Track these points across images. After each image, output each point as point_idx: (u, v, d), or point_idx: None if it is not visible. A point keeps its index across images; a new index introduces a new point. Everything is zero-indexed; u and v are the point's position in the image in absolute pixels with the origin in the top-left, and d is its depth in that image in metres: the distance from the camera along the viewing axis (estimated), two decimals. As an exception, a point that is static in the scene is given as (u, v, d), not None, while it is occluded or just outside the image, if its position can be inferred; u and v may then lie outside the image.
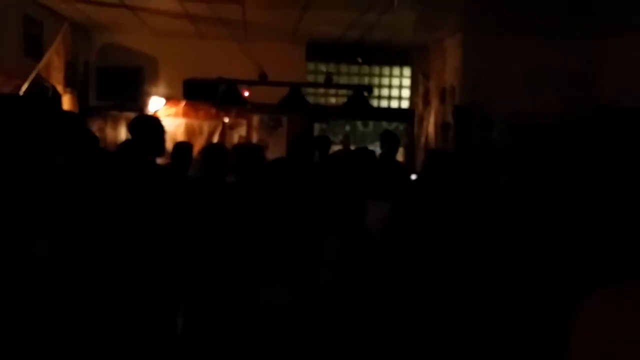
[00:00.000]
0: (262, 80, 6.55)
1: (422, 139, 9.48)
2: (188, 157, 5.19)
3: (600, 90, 8.04)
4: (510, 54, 8.01)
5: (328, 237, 3.08)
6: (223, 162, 4.66)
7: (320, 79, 9.51)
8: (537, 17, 6.94)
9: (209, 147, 5.04)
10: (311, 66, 9.84)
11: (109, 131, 9.25)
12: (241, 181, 4.28)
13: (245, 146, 4.96)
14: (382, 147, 5.40)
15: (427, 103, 9.39)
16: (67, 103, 7.80)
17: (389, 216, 3.05)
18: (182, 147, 5.33)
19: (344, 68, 9.91)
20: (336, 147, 11.97)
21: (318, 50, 9.66)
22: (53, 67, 7.31)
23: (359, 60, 9.66)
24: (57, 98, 7.43)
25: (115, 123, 9.24)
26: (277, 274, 2.97)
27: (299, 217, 3.18)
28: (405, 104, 10.16)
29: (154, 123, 4.24)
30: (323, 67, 9.87)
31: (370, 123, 13.17)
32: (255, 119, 9.66)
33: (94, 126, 9.06)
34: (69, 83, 7.90)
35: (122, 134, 8.96)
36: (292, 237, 3.06)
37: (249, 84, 7.32)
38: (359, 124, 13.61)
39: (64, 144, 3.24)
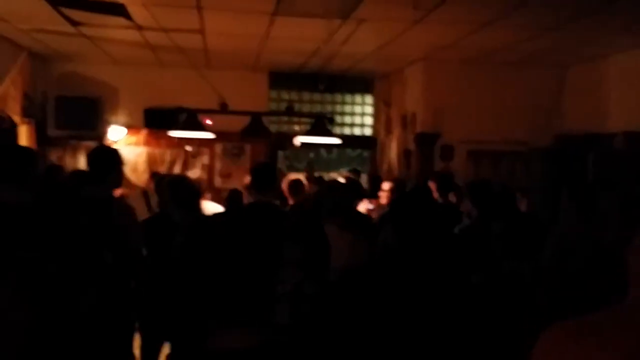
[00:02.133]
0: (223, 109, 6.53)
1: (385, 166, 9.53)
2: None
3: (559, 118, 8.20)
4: (470, 81, 8.14)
5: (284, 268, 3.04)
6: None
7: (283, 106, 9.52)
8: (496, 48, 7.08)
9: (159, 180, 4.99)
10: (273, 94, 9.86)
11: (68, 160, 9.09)
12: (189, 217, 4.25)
13: (178, 178, 4.91)
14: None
15: (389, 130, 9.46)
16: (24, 133, 7.67)
17: (351, 249, 3.05)
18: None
19: (306, 96, 9.95)
20: (300, 175, 12.02)
21: (280, 79, 9.71)
22: (9, 97, 7.19)
23: (321, 87, 9.71)
24: (14, 128, 7.29)
25: (75, 152, 9.10)
26: (230, 315, 2.91)
27: (253, 252, 3.14)
28: (368, 131, 10.22)
29: (112, 153, 4.18)
30: (285, 95, 9.90)
31: (334, 150, 13.23)
32: (218, 147, 9.61)
33: (53, 156, 8.93)
34: (26, 113, 7.77)
35: (82, 163, 8.81)
36: (245, 275, 3.01)
37: (210, 112, 7.28)
38: (322, 151, 13.66)
39: (21, 179, 3.14)
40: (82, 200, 3.72)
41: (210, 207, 5.25)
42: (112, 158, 3.98)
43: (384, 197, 6.02)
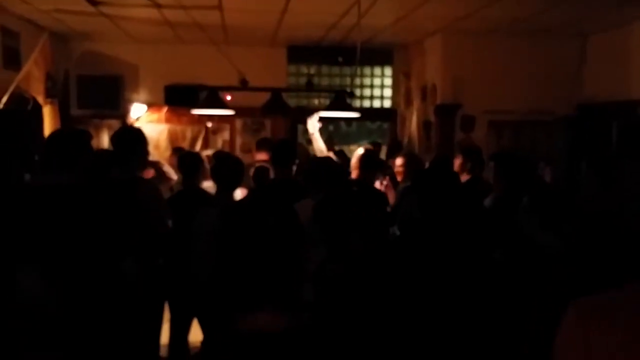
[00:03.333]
0: (243, 86, 6.54)
1: (405, 138, 9.52)
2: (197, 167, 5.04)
3: (580, 87, 8.12)
4: (490, 53, 8.07)
5: (313, 247, 3.09)
6: (198, 170, 4.68)
7: (302, 80, 9.51)
8: (516, 18, 6.99)
9: (182, 156, 5.03)
10: (292, 68, 9.85)
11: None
12: (220, 193, 4.30)
13: (223, 154, 4.94)
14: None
15: (409, 102, 9.43)
16: (48, 114, 7.76)
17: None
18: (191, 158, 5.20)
19: (325, 69, 9.93)
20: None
21: (299, 53, 9.68)
22: (33, 78, 7.27)
23: (340, 60, 9.67)
24: (38, 110, 7.39)
25: (97, 131, 9.18)
26: (260, 297, 2.97)
27: (278, 232, 3.18)
28: (387, 104, 10.19)
29: (137, 134, 4.24)
30: (304, 69, 9.89)
31: (354, 123, 13.20)
32: (239, 123, 9.66)
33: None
34: (49, 93, 7.86)
35: (105, 141, 8.92)
36: (273, 257, 3.06)
37: (230, 89, 7.31)
38: (342, 123, 13.64)
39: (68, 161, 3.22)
40: (111, 182, 3.80)
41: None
42: (136, 139, 4.05)
43: (398, 173, 6.00)
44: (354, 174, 5.38)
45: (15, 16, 7.11)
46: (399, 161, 6.08)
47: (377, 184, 5.91)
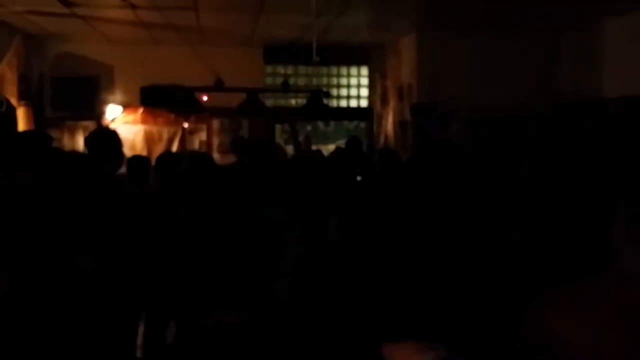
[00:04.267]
0: (218, 86, 6.55)
1: (382, 137, 9.57)
2: (145, 169, 5.14)
3: (555, 84, 8.22)
4: (464, 50, 8.14)
5: (288, 245, 3.11)
6: (173, 171, 4.67)
7: (279, 80, 9.52)
8: (489, 14, 7.07)
9: (159, 157, 5.03)
10: (269, 69, 9.86)
11: (66, 141, 9.12)
12: (192, 192, 4.30)
13: (194, 154, 4.95)
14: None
15: (385, 102, 9.48)
16: (22, 116, 7.69)
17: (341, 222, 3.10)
18: (139, 161, 5.30)
19: (301, 69, 9.95)
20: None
21: (275, 53, 9.68)
22: (6, 80, 7.21)
23: (317, 59, 9.69)
24: (12, 112, 7.32)
25: (73, 133, 9.13)
26: (229, 295, 2.99)
27: (253, 231, 3.20)
28: (364, 103, 10.24)
29: (111, 135, 4.22)
30: (281, 69, 9.90)
31: (332, 122, 13.24)
32: (215, 123, 9.64)
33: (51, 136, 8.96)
34: (23, 96, 7.79)
35: (80, 143, 8.85)
36: (245, 255, 3.08)
37: (206, 90, 7.31)
38: (320, 123, 13.65)
39: (27, 162, 3.20)
40: (84, 182, 3.79)
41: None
42: (111, 140, 4.03)
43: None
44: None
45: None
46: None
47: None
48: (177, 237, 3.81)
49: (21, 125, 7.64)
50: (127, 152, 8.65)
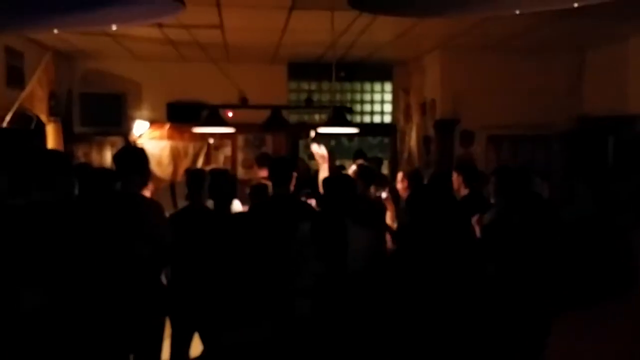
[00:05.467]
0: (243, 104, 6.66)
1: (405, 153, 9.60)
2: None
3: (578, 102, 8.19)
4: (488, 67, 8.16)
5: (307, 262, 3.15)
6: (202, 187, 4.73)
7: (303, 96, 9.62)
8: (513, 35, 7.09)
9: (189, 173, 5.08)
10: (293, 85, 9.95)
11: (94, 156, 9.29)
12: (217, 208, 4.38)
13: (217, 171, 5.02)
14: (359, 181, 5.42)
15: (408, 118, 9.51)
16: (51, 132, 7.85)
17: (372, 243, 3.13)
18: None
19: (325, 85, 10.02)
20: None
21: (299, 69, 9.78)
22: (36, 97, 7.37)
23: (342, 74, 9.75)
24: (41, 128, 7.48)
25: (101, 148, 9.30)
26: (252, 312, 3.02)
27: (276, 252, 3.25)
28: (387, 119, 10.28)
29: (138, 153, 4.32)
30: (305, 85, 9.99)
31: (355, 138, 13.29)
32: (240, 139, 9.74)
33: (80, 152, 9.14)
34: (52, 112, 7.95)
35: (108, 158, 9.01)
36: (263, 270, 3.12)
37: (231, 107, 7.42)
38: (343, 139, 13.72)
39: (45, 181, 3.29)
40: (113, 197, 3.89)
41: (235, 203, 5.37)
42: (138, 157, 4.13)
43: (401, 189, 6.07)
44: None
45: (19, 36, 7.22)
46: (399, 176, 6.17)
47: (383, 195, 5.98)
48: (206, 252, 3.87)
49: (50, 141, 7.80)
50: (154, 167, 8.86)
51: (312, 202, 5.35)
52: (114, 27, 5.17)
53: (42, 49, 7.81)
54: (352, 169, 5.67)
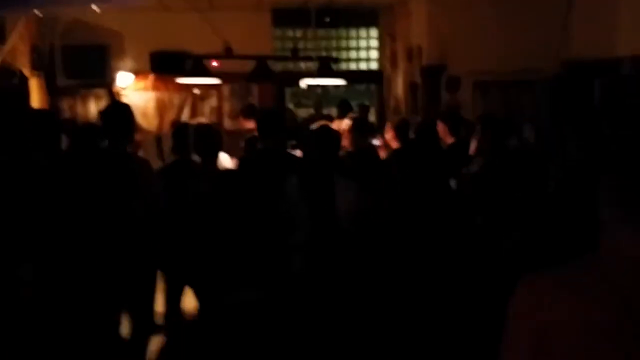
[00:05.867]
0: (227, 54, 6.59)
1: (392, 100, 9.58)
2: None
3: (567, 45, 8.14)
4: (474, 13, 8.06)
5: (297, 218, 3.19)
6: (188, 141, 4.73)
7: (288, 44, 9.54)
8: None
9: (175, 128, 5.06)
10: (278, 32, 9.84)
11: (79, 109, 9.22)
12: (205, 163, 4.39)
13: (201, 126, 4.99)
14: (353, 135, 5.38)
15: (394, 64, 9.46)
16: (35, 86, 7.77)
17: (357, 200, 3.15)
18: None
19: (310, 33, 9.91)
20: (308, 110, 12.05)
21: (284, 16, 9.65)
22: (18, 51, 7.26)
23: (327, 20, 9.63)
24: (25, 82, 7.39)
25: (85, 101, 9.22)
26: (248, 272, 3.08)
27: (267, 209, 3.28)
28: (373, 65, 10.22)
29: (125, 110, 4.29)
30: (290, 32, 9.88)
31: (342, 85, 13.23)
32: (226, 89, 9.68)
33: (65, 105, 9.05)
34: (35, 66, 7.84)
35: (93, 110, 8.94)
36: (263, 230, 3.17)
37: (215, 58, 7.34)
38: (330, 87, 13.64)
39: (42, 142, 3.29)
40: (103, 155, 3.90)
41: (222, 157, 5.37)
42: (126, 114, 4.11)
43: (391, 140, 6.07)
44: (345, 143, 5.38)
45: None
46: (389, 127, 6.15)
47: (376, 142, 5.98)
48: (199, 213, 3.90)
49: (34, 95, 7.72)
50: (140, 119, 8.80)
51: (298, 152, 5.35)
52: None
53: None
54: (345, 122, 5.64)
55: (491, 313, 2.21)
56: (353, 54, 10.18)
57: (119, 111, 4.18)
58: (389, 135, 5.99)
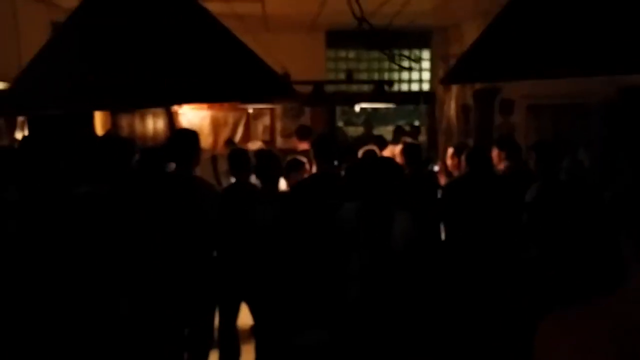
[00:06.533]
0: (286, 79, 6.76)
1: (444, 122, 9.60)
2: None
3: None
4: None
5: (354, 247, 3.25)
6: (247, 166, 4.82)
7: (341, 65, 9.69)
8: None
9: (233, 153, 5.14)
10: (331, 53, 9.96)
11: (137, 126, 9.47)
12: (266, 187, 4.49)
13: (264, 152, 5.12)
14: (406, 162, 5.39)
15: (447, 86, 9.48)
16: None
17: (412, 227, 3.19)
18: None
19: (363, 54, 10.00)
20: (358, 129, 12.14)
21: (337, 38, 9.76)
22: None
23: (378, 42, 9.67)
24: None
25: (143, 118, 9.47)
26: (313, 310, 3.14)
27: (325, 236, 3.35)
28: (425, 86, 10.26)
29: (193, 137, 4.45)
30: (343, 53, 10.00)
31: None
32: (278, 108, 9.84)
33: (123, 122, 9.32)
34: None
35: (150, 127, 9.18)
36: (321, 260, 3.23)
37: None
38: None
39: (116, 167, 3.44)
40: (171, 180, 4.05)
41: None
42: (193, 140, 4.27)
43: (450, 165, 6.05)
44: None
45: (64, 11, 7.34)
46: (449, 152, 6.13)
47: (436, 168, 5.96)
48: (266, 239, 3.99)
49: (97, 115, 7.97)
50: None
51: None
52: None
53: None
54: (398, 148, 5.67)
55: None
56: (405, 75, 10.23)
57: (187, 137, 4.34)
58: (451, 160, 5.96)
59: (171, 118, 9.07)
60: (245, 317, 4.94)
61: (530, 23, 2.36)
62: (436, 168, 5.97)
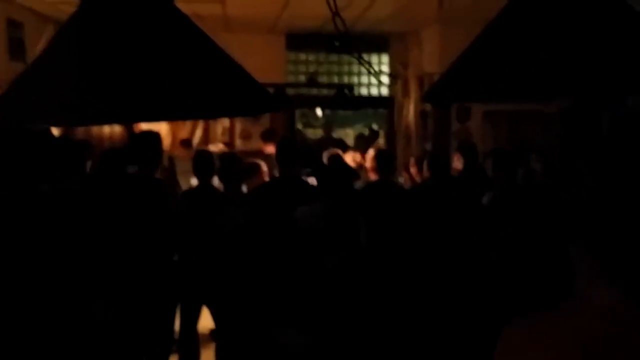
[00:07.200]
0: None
1: (402, 127, 9.69)
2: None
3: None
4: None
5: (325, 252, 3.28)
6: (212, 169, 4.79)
7: (300, 68, 9.70)
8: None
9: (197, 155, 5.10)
10: (291, 56, 9.96)
11: (94, 127, 9.28)
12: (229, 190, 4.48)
13: (228, 155, 5.10)
14: (378, 168, 5.39)
15: (405, 92, 9.58)
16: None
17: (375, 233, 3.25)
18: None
19: (323, 57, 10.03)
20: (317, 131, 12.15)
21: (298, 41, 9.77)
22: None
23: (337, 44, 9.73)
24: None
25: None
26: (285, 308, 3.14)
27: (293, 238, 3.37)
28: (384, 90, 10.34)
29: (156, 138, 4.41)
30: (303, 56, 10.01)
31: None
32: (238, 110, 9.77)
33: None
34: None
35: (107, 128, 8.99)
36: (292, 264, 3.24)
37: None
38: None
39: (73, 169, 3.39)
40: (133, 181, 4.00)
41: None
42: (156, 142, 4.23)
43: (413, 174, 6.09)
44: (372, 176, 5.40)
45: (20, 7, 7.19)
46: (412, 161, 6.16)
47: (400, 180, 6.00)
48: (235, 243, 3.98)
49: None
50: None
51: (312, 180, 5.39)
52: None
53: (43, 20, 7.77)
54: (370, 153, 5.63)
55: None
56: (364, 79, 10.29)
57: (149, 139, 4.30)
58: (413, 169, 6.01)
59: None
60: (205, 321, 4.93)
61: (512, 44, 2.40)
62: (401, 179, 6.01)
